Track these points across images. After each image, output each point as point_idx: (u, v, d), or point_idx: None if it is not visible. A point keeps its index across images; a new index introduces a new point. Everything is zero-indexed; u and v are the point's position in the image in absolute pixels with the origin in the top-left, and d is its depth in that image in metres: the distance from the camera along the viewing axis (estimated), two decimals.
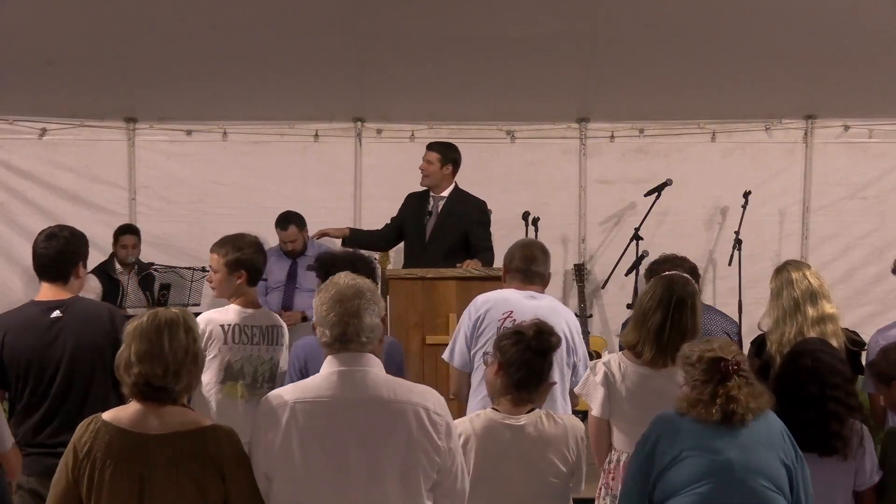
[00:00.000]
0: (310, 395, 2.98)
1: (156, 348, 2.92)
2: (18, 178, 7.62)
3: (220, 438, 2.96)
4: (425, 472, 2.96)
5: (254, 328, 4.44)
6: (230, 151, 7.74)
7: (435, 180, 6.65)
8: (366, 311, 3.03)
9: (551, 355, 3.55)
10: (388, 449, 2.93)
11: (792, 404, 3.71)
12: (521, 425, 3.46)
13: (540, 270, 4.58)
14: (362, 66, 6.99)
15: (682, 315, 3.86)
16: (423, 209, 6.68)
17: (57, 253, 4.05)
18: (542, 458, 3.46)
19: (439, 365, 4.91)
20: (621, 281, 7.37)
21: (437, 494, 3.02)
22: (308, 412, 2.95)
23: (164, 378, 2.93)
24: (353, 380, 2.99)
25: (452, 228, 6.59)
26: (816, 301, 4.63)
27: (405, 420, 2.95)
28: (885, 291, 7.27)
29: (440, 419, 3.00)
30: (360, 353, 3.02)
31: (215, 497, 2.92)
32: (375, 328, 3.06)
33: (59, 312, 4.00)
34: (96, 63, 6.81)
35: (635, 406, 3.82)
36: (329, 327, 3.02)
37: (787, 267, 4.80)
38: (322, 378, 3.03)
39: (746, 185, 7.40)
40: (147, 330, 2.95)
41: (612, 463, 3.93)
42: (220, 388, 4.33)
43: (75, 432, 2.98)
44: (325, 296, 3.07)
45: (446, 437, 3.01)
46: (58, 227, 4.22)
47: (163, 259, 7.31)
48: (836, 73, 6.94)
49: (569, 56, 6.88)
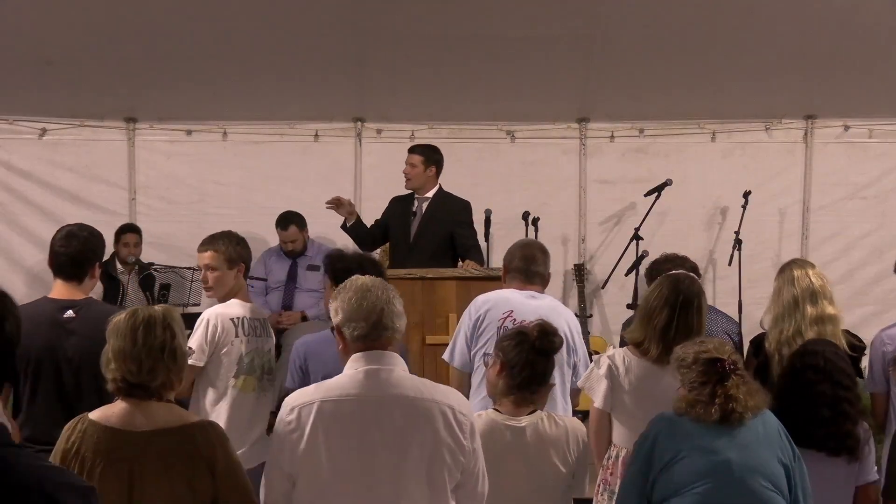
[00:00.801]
0: (335, 393, 2.97)
1: (129, 345, 2.93)
2: (18, 178, 7.62)
3: (209, 434, 2.95)
4: (450, 472, 2.95)
5: (255, 321, 4.48)
6: (230, 151, 7.74)
7: (419, 182, 6.67)
8: (395, 298, 3.05)
9: (553, 356, 3.54)
10: (414, 448, 2.91)
11: (800, 402, 3.71)
12: (523, 426, 3.46)
13: (540, 270, 4.58)
14: (362, 66, 6.99)
15: (689, 314, 3.87)
16: (407, 211, 6.69)
17: (76, 252, 4.08)
18: (543, 460, 3.46)
19: (439, 365, 4.91)
20: (621, 281, 7.36)
21: (460, 496, 3.01)
22: (334, 411, 2.93)
23: (139, 375, 2.93)
24: (379, 378, 2.98)
25: (437, 229, 6.60)
26: (817, 301, 4.63)
27: (432, 419, 2.94)
28: (886, 291, 7.26)
29: (465, 419, 3.00)
30: (386, 351, 3.01)
31: (205, 493, 2.91)
32: (403, 317, 3.06)
33: (73, 313, 4.01)
34: (96, 63, 6.81)
35: (637, 400, 3.83)
36: (363, 317, 3.00)
37: (790, 265, 4.81)
38: (348, 377, 3.01)
39: (746, 185, 7.40)
40: (123, 328, 2.96)
41: (610, 459, 3.93)
42: (234, 382, 4.35)
43: (62, 432, 2.97)
44: (348, 292, 3.06)
45: (471, 438, 3.00)
46: (77, 226, 4.23)
47: (163, 259, 7.30)
48: (836, 73, 6.94)
49: (569, 56, 6.88)
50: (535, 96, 7.30)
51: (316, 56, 6.85)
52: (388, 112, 7.59)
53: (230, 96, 7.28)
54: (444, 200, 6.70)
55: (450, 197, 6.72)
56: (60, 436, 2.97)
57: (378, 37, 6.71)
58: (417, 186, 6.69)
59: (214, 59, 6.83)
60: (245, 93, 7.25)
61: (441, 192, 6.73)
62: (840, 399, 3.75)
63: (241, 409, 4.29)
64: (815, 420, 3.69)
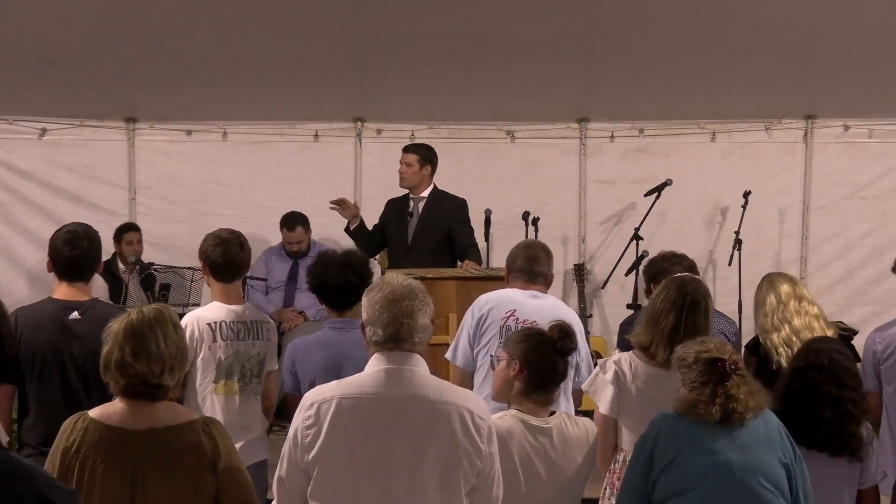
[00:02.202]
0: (355, 390, 2.96)
1: (152, 346, 2.91)
2: (18, 178, 7.62)
3: (211, 431, 2.95)
4: (465, 475, 2.94)
5: (238, 324, 4.37)
6: (230, 151, 7.74)
7: (414, 181, 6.65)
8: (419, 311, 3.01)
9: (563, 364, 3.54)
10: (431, 448, 2.90)
11: (805, 402, 3.71)
12: (550, 427, 3.46)
13: (543, 270, 4.58)
14: (362, 66, 6.99)
15: (696, 317, 3.85)
16: (403, 212, 6.68)
17: (83, 254, 4.06)
18: (567, 460, 3.47)
19: (440, 365, 4.90)
20: (621, 281, 7.36)
21: (474, 499, 2.99)
22: (353, 408, 2.92)
23: (161, 375, 2.92)
24: (400, 378, 2.96)
25: (434, 228, 6.59)
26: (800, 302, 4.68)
27: (450, 421, 2.93)
28: (885, 291, 7.26)
29: (483, 423, 2.98)
30: (409, 352, 3.00)
31: (207, 490, 2.91)
32: (427, 330, 3.04)
33: (78, 314, 3.99)
34: (96, 63, 6.81)
35: (645, 405, 3.81)
36: (382, 326, 2.99)
37: (767, 277, 4.86)
38: (368, 375, 3.00)
39: (746, 185, 7.40)
40: (139, 329, 2.93)
41: (617, 463, 3.92)
42: (215, 387, 4.29)
43: (61, 431, 2.95)
44: (376, 295, 3.03)
45: (488, 442, 2.99)
46: (78, 227, 4.17)
47: (163, 259, 7.30)
48: (836, 73, 6.94)
49: (569, 56, 6.88)
50: (535, 96, 7.30)
51: (316, 56, 6.85)
52: (388, 112, 7.59)
53: (230, 96, 7.28)
54: (440, 199, 6.69)
55: (445, 195, 6.71)
56: (59, 434, 2.95)
57: (378, 37, 6.71)
58: (413, 185, 6.67)
59: (214, 59, 6.83)
60: (245, 93, 7.25)
61: (436, 190, 6.72)
62: (844, 399, 3.75)
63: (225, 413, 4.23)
64: (818, 420, 3.69)
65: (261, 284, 7.15)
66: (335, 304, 4.37)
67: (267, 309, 6.94)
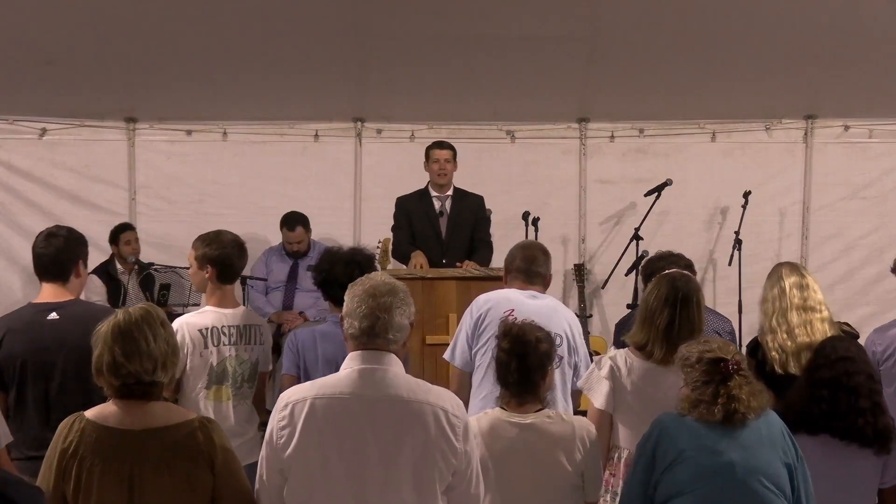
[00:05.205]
0: (329, 391, 2.97)
1: (142, 345, 2.92)
2: (18, 178, 7.63)
3: (208, 430, 2.96)
4: (441, 474, 2.94)
5: (231, 328, 4.34)
6: (230, 151, 7.74)
7: (451, 178, 6.72)
8: (397, 309, 3.02)
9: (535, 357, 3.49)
10: (405, 448, 2.91)
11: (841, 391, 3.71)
12: (528, 423, 3.45)
13: (541, 271, 4.59)
14: (362, 66, 6.99)
15: (689, 311, 3.86)
16: (429, 210, 6.69)
17: (56, 251, 4.03)
18: (548, 457, 3.45)
19: (439, 365, 4.91)
20: (621, 281, 7.36)
21: (452, 497, 3.00)
22: (327, 408, 2.93)
23: (154, 373, 2.93)
24: (374, 378, 2.97)
25: (464, 225, 6.69)
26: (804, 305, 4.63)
27: (423, 420, 2.93)
28: (885, 291, 7.27)
29: (458, 421, 2.99)
30: (384, 351, 3.00)
31: (205, 489, 2.91)
32: (403, 329, 3.04)
33: (56, 315, 3.96)
34: (96, 63, 6.81)
35: (641, 401, 3.82)
36: (358, 319, 3.00)
37: (778, 267, 4.81)
38: (342, 375, 3.01)
39: (746, 185, 7.40)
40: (126, 329, 2.94)
41: (613, 460, 3.93)
42: (207, 393, 4.27)
43: (57, 432, 2.95)
44: (358, 289, 3.06)
45: (463, 440, 2.98)
46: (56, 227, 4.20)
47: (163, 259, 7.30)
48: (836, 73, 6.94)
49: (569, 56, 6.88)
50: (535, 96, 7.31)
51: (316, 56, 6.85)
52: (388, 112, 7.59)
53: (230, 96, 7.28)
54: (464, 196, 6.79)
55: (466, 193, 6.80)
56: (56, 435, 2.95)
57: (378, 37, 6.71)
58: (449, 182, 6.75)
59: (214, 59, 6.83)
60: (245, 93, 7.25)
61: (456, 188, 6.79)
62: (875, 391, 3.76)
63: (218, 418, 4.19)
64: (855, 410, 3.68)
65: (260, 284, 7.15)
66: (340, 299, 4.37)
67: (266, 310, 6.94)
